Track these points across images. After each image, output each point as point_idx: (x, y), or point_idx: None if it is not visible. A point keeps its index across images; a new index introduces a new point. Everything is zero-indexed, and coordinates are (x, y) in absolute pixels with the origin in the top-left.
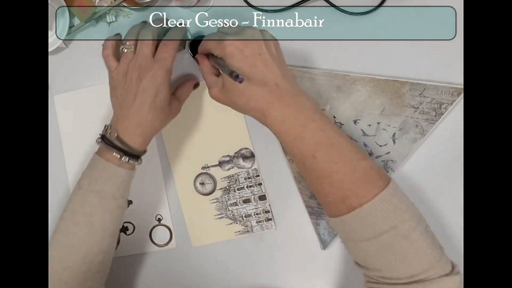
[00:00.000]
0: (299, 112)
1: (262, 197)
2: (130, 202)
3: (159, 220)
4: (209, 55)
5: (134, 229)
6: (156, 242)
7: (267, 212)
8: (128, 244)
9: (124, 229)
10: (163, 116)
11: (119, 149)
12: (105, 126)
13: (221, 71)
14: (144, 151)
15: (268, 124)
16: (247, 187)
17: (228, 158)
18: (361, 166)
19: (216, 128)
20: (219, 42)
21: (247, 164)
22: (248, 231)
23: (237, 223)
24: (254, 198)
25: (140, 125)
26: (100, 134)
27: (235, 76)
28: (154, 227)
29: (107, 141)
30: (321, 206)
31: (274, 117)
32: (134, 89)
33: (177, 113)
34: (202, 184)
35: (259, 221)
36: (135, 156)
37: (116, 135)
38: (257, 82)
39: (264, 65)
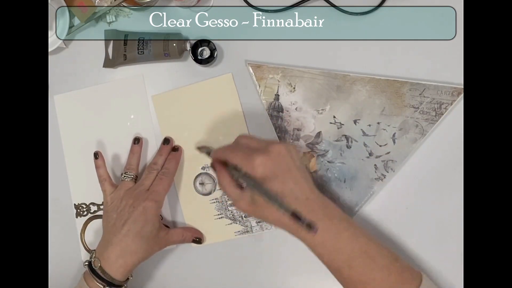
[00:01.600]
0: (330, 223)
1: None
2: None
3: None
4: (229, 167)
5: None
6: None
7: None
8: None
9: None
10: (147, 246)
11: (102, 279)
12: (92, 251)
13: (275, 206)
14: (127, 280)
15: (302, 238)
16: None
17: None
18: (395, 268)
19: (216, 127)
20: (248, 160)
21: None
22: (247, 231)
23: (236, 223)
24: None
25: (122, 255)
26: (87, 261)
27: (309, 226)
28: None
29: (91, 268)
30: None
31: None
32: (126, 215)
33: (163, 247)
34: (202, 184)
35: (259, 221)
36: (118, 286)
37: (99, 264)
38: (288, 198)
39: (294, 182)
